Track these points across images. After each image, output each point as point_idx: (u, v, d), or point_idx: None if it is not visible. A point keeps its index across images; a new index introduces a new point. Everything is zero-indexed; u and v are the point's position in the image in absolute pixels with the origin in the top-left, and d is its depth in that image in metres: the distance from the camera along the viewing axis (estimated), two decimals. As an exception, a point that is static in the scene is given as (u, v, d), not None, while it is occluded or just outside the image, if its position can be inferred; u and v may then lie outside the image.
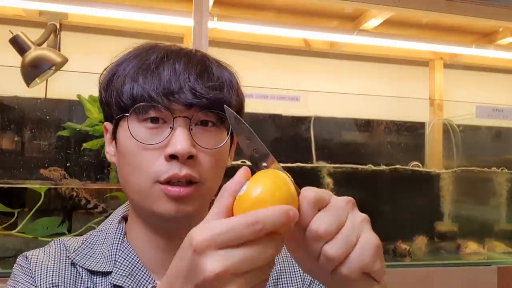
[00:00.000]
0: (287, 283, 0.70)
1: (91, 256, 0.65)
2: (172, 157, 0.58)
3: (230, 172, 0.68)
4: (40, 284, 0.61)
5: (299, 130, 2.02)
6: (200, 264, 0.38)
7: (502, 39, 2.16)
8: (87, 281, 0.63)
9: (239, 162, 1.67)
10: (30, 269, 0.63)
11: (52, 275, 0.62)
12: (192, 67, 0.60)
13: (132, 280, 0.62)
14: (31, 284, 0.62)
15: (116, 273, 0.62)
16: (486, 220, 2.08)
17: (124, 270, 0.62)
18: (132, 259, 0.64)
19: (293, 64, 2.22)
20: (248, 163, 0.45)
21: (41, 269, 0.63)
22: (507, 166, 2.06)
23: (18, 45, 1.56)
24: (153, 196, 0.59)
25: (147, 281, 0.62)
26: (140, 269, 0.63)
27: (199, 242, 0.38)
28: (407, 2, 1.76)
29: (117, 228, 0.67)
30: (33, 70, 1.56)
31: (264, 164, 0.45)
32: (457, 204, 2.04)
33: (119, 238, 0.66)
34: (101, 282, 0.62)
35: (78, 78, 1.65)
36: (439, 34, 2.17)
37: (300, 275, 0.72)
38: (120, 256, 0.64)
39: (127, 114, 0.60)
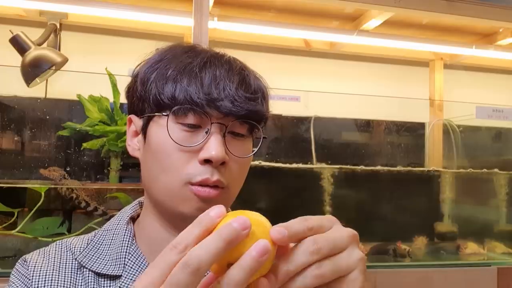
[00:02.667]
0: None
1: (98, 257, 0.64)
2: (206, 161, 0.58)
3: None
4: None
5: (299, 130, 2.02)
6: None
7: (503, 39, 2.16)
8: (93, 284, 0.62)
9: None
10: (27, 277, 0.63)
11: (51, 283, 0.61)
12: (233, 76, 0.61)
13: None
14: None
15: (126, 277, 0.62)
16: (486, 221, 2.08)
17: (134, 275, 0.62)
18: (142, 262, 0.63)
19: (293, 64, 2.22)
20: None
21: (38, 277, 0.62)
22: (507, 167, 2.06)
23: (18, 44, 1.56)
24: (182, 196, 0.59)
25: None
26: None
27: None
28: (407, 3, 1.76)
29: (125, 229, 0.66)
30: (33, 70, 1.56)
31: None
32: (457, 204, 2.04)
33: (128, 241, 0.65)
34: (109, 286, 0.62)
35: (78, 78, 1.65)
36: (439, 34, 2.17)
37: None
38: (129, 260, 0.63)
39: (165, 114, 0.60)
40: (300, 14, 2.03)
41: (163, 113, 0.60)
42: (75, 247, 0.66)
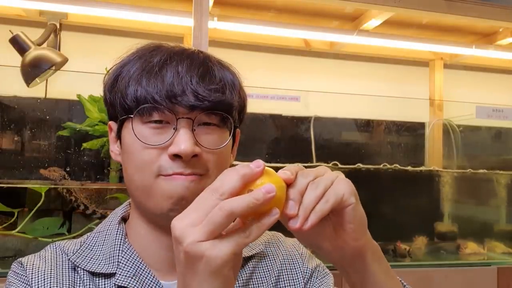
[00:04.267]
0: (288, 279, 0.71)
1: (92, 258, 0.64)
2: (176, 156, 0.59)
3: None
4: None
5: (299, 130, 2.02)
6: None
7: (502, 39, 2.16)
8: (89, 283, 0.62)
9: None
10: (26, 276, 0.62)
11: (50, 282, 0.61)
12: (195, 69, 0.61)
13: (137, 281, 0.62)
14: None
15: (120, 274, 0.62)
16: (486, 221, 2.08)
17: (128, 271, 0.62)
18: (135, 259, 0.64)
19: (293, 64, 2.22)
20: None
21: (37, 276, 0.62)
22: (507, 166, 2.06)
23: (18, 45, 1.56)
24: (156, 190, 0.60)
25: (151, 281, 0.62)
26: (144, 270, 0.63)
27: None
28: (407, 2, 1.76)
29: (117, 229, 0.67)
30: (33, 70, 1.56)
31: None
32: (457, 204, 2.04)
33: (121, 239, 0.65)
34: (104, 284, 0.62)
35: (78, 78, 1.65)
36: (439, 34, 2.17)
37: (301, 271, 0.72)
38: (123, 257, 0.64)
39: (132, 116, 0.60)
40: (300, 14, 2.03)
41: (129, 115, 0.61)
42: (68, 249, 0.66)
